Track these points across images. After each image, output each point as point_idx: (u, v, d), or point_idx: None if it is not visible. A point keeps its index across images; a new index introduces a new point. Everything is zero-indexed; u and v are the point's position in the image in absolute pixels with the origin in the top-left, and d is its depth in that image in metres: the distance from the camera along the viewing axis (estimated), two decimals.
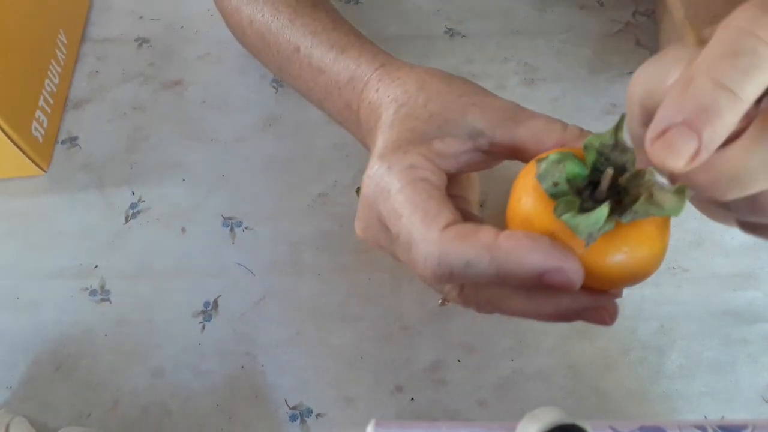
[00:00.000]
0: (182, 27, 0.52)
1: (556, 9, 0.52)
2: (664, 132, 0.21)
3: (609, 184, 0.24)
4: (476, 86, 0.31)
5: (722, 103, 0.20)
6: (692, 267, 0.39)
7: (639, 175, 0.24)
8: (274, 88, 0.48)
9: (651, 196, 0.23)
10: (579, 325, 0.37)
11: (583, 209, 0.24)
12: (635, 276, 0.25)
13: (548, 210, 0.24)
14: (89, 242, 0.41)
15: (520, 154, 0.28)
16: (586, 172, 0.25)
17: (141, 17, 0.53)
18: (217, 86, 0.49)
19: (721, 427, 0.21)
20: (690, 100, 0.20)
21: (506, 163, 0.30)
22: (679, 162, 0.21)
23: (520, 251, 0.24)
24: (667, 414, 0.35)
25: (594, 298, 0.26)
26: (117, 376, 0.37)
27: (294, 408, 0.35)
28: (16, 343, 0.38)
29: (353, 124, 0.35)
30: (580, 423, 0.19)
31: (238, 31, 0.44)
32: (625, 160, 0.24)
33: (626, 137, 0.25)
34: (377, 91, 0.32)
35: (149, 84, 0.49)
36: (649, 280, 0.38)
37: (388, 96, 0.31)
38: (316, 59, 0.36)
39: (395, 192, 0.27)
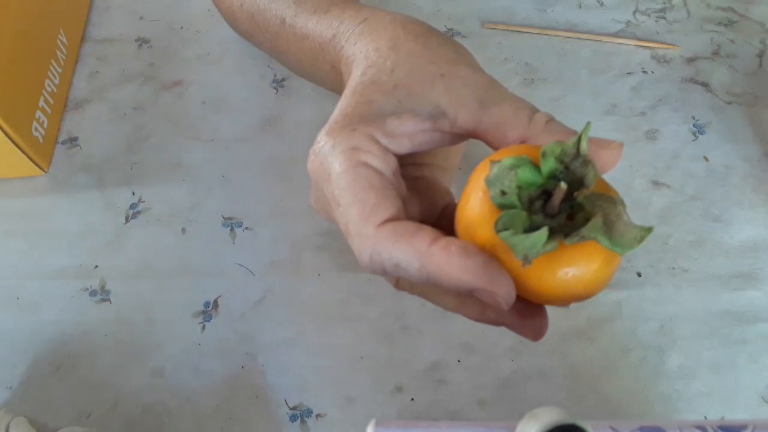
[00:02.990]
0: (182, 27, 0.52)
1: (556, 8, 0.52)
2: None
3: (562, 198, 0.23)
4: (452, 50, 0.29)
5: None
6: (692, 267, 0.39)
7: (602, 197, 0.23)
8: (274, 88, 0.48)
9: (606, 222, 0.22)
10: (579, 325, 0.37)
11: (531, 224, 0.23)
12: (573, 298, 0.24)
13: (493, 221, 0.23)
14: (89, 242, 0.41)
15: (483, 140, 0.27)
16: (540, 180, 0.23)
17: (141, 17, 0.53)
18: (217, 86, 0.49)
19: (721, 428, 0.21)
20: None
21: None
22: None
23: (450, 267, 0.23)
24: (667, 414, 0.35)
25: (520, 317, 0.25)
26: (117, 376, 0.37)
27: (294, 408, 0.35)
28: (16, 343, 0.38)
29: (341, 87, 0.32)
30: (580, 423, 0.19)
31: (230, 17, 0.43)
32: (585, 173, 0.23)
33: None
34: (355, 44, 0.30)
35: (149, 84, 0.49)
36: (649, 280, 0.39)
37: (362, 52, 0.30)
38: (300, 26, 0.35)
39: (335, 176, 0.26)
